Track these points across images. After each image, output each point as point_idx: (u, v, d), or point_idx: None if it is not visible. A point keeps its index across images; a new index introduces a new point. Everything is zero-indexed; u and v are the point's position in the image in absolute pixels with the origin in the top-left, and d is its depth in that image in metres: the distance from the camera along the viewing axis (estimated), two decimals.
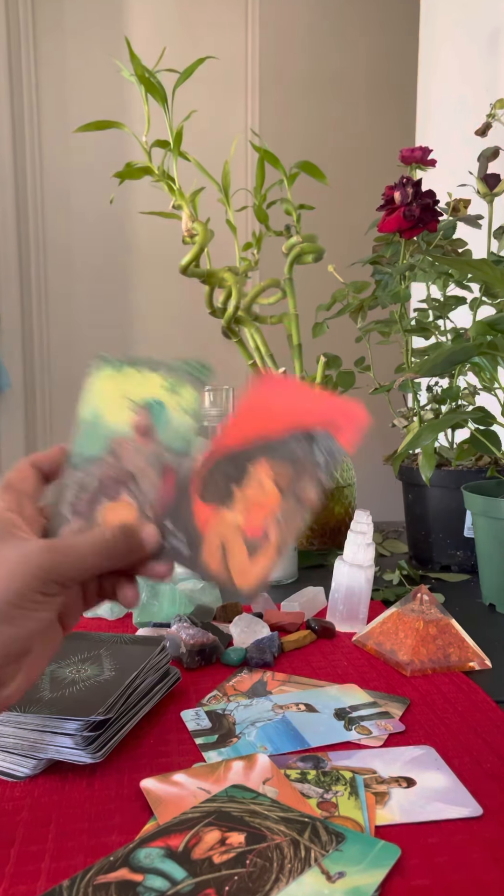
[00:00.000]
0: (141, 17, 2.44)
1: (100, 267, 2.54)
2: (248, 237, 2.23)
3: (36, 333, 2.53)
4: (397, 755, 0.48)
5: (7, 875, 0.37)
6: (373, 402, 1.17)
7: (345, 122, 2.59)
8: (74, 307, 2.55)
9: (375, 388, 0.98)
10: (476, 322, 0.73)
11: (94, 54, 2.41)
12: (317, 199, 1.05)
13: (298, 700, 0.55)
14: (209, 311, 1.04)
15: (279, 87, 2.54)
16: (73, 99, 2.43)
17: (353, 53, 2.58)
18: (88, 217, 2.49)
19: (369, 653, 0.65)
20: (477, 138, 0.91)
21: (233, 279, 0.99)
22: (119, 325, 2.57)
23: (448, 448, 0.97)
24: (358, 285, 1.00)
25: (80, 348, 2.57)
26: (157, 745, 0.49)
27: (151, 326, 2.58)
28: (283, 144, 1.54)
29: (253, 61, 2.52)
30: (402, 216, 0.87)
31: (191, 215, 0.98)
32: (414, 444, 0.75)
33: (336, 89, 2.59)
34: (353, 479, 1.01)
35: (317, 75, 2.57)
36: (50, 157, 2.46)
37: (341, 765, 0.47)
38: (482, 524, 0.79)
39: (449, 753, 0.48)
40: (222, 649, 0.63)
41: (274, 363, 1.04)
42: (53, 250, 2.51)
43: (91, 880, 0.35)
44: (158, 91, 0.94)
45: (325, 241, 1.05)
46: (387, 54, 2.58)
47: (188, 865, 0.36)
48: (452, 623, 0.64)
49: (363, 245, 1.06)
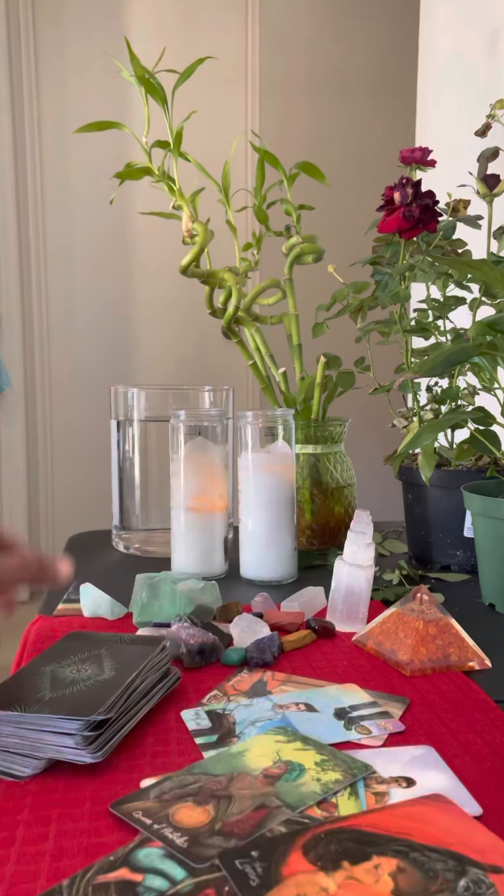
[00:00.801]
0: (141, 17, 2.44)
1: (100, 267, 2.54)
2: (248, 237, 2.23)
3: (36, 333, 2.53)
4: (397, 755, 0.48)
5: (7, 875, 0.37)
6: (373, 402, 1.17)
7: (345, 122, 2.59)
8: (74, 307, 2.55)
9: (375, 389, 0.98)
10: (476, 322, 0.73)
11: (94, 55, 2.41)
12: (317, 199, 1.05)
13: (298, 700, 0.56)
14: (209, 312, 1.04)
15: (279, 87, 2.54)
16: (73, 99, 2.43)
17: (353, 53, 2.57)
18: (88, 217, 2.49)
19: (369, 652, 0.65)
20: (477, 138, 0.91)
21: (233, 279, 1.00)
22: (119, 325, 2.57)
23: (448, 448, 0.97)
24: (358, 286, 1.00)
25: (81, 348, 2.57)
26: (157, 745, 0.49)
27: (151, 326, 2.58)
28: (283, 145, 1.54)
29: (253, 61, 2.52)
30: (401, 217, 0.87)
31: (191, 216, 0.98)
32: (414, 444, 0.75)
33: (336, 89, 2.59)
34: (353, 479, 1.01)
35: (317, 75, 2.57)
36: (50, 157, 2.46)
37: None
38: (482, 524, 0.79)
39: (449, 753, 0.48)
40: (222, 649, 0.63)
41: (274, 363, 1.04)
42: (53, 250, 2.51)
43: (91, 880, 0.35)
44: (158, 91, 0.94)
45: (325, 241, 1.05)
46: (387, 54, 2.58)
47: (188, 865, 0.36)
48: (452, 623, 0.64)
49: (363, 245, 1.06)
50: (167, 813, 0.40)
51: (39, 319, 2.54)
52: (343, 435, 1.01)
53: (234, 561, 0.91)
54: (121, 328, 2.58)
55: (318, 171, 1.02)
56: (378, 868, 0.36)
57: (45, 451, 2.59)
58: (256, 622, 0.67)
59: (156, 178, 0.98)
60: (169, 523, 0.90)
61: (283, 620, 0.70)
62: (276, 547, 0.86)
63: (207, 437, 0.88)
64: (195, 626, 0.65)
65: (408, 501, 0.97)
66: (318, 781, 0.44)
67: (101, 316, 2.58)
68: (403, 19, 2.46)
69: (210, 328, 1.24)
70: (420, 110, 1.57)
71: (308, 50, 2.56)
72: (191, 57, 0.98)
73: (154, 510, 1.02)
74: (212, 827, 0.39)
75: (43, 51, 2.41)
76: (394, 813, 0.41)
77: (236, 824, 0.39)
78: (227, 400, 1.03)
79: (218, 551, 0.89)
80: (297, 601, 0.74)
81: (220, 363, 2.48)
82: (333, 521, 0.98)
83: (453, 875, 0.35)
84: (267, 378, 1.04)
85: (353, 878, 0.35)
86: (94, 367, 2.57)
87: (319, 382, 0.99)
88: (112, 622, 0.72)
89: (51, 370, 2.57)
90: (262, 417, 0.87)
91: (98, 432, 2.16)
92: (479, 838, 0.38)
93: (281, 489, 0.86)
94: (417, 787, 0.44)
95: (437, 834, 0.39)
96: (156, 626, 0.69)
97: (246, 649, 0.63)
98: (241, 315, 1.01)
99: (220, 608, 0.73)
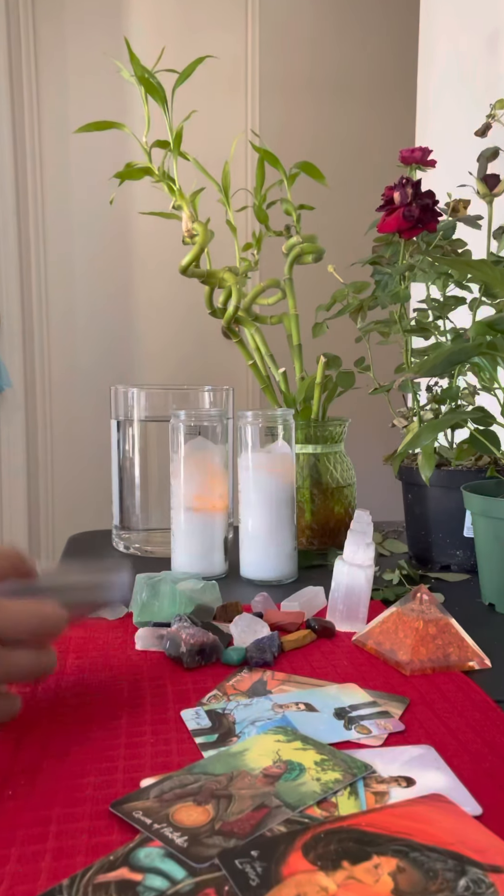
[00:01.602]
0: (141, 17, 2.44)
1: (100, 267, 2.54)
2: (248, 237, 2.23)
3: (36, 333, 2.53)
4: (397, 755, 0.48)
5: (7, 875, 0.37)
6: (373, 402, 1.17)
7: (345, 122, 2.59)
8: (75, 307, 2.55)
9: (375, 388, 0.98)
10: (476, 322, 0.73)
11: (94, 54, 2.41)
12: (317, 199, 1.05)
13: (298, 699, 0.56)
14: (209, 312, 1.04)
15: (279, 87, 2.54)
16: (73, 99, 2.43)
17: (353, 53, 2.58)
18: (88, 217, 2.49)
19: (369, 652, 0.65)
20: (477, 138, 0.91)
21: (233, 279, 1.00)
22: (119, 325, 2.57)
23: (448, 448, 0.97)
24: (358, 285, 1.01)
25: (81, 348, 2.57)
26: (157, 745, 0.49)
27: (151, 326, 2.58)
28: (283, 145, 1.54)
29: (253, 61, 2.52)
30: (401, 216, 0.87)
31: (191, 216, 0.98)
32: (414, 444, 0.75)
33: (336, 89, 2.59)
34: (353, 479, 1.01)
35: (317, 75, 2.57)
36: (50, 157, 2.46)
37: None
38: (482, 524, 0.79)
39: (449, 753, 0.48)
40: (222, 649, 0.63)
41: (274, 363, 1.04)
42: (53, 250, 2.51)
43: (91, 880, 0.35)
44: (158, 91, 0.94)
45: (325, 241, 1.05)
46: (387, 54, 2.58)
47: (188, 865, 0.36)
48: (452, 623, 0.64)
49: (363, 245, 1.06)
50: (167, 812, 0.40)
51: (39, 320, 2.54)
52: (343, 435, 1.01)
53: (234, 561, 0.91)
54: (121, 328, 2.58)
55: (318, 171, 1.02)
56: (378, 868, 0.36)
57: (45, 451, 2.60)
58: (256, 622, 0.67)
59: (156, 178, 0.98)
60: (169, 523, 0.90)
61: (283, 620, 0.70)
62: (276, 547, 0.87)
63: (207, 437, 0.88)
64: (195, 626, 0.65)
65: (408, 501, 0.97)
66: (318, 781, 0.44)
67: (100, 316, 2.58)
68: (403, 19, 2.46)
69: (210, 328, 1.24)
70: (420, 110, 1.57)
71: (308, 50, 2.56)
72: (191, 57, 0.98)
73: (154, 510, 1.02)
74: (212, 826, 0.39)
75: (43, 51, 2.41)
76: (394, 813, 0.41)
77: (236, 824, 0.40)
78: (227, 400, 1.03)
79: (218, 551, 0.89)
80: (297, 601, 0.74)
81: (220, 363, 2.48)
82: (333, 521, 0.98)
83: (453, 875, 0.35)
84: (267, 378, 1.04)
85: (353, 877, 0.35)
86: (94, 367, 2.57)
87: (319, 382, 0.99)
88: (112, 622, 0.72)
89: (51, 370, 2.57)
90: (262, 417, 0.87)
91: (98, 432, 2.16)
92: (478, 838, 0.38)
93: (281, 489, 0.86)
94: (417, 786, 0.44)
95: (437, 834, 0.39)
96: (156, 626, 0.69)
97: (246, 649, 0.63)
98: (241, 315, 1.01)
99: (220, 608, 0.73)
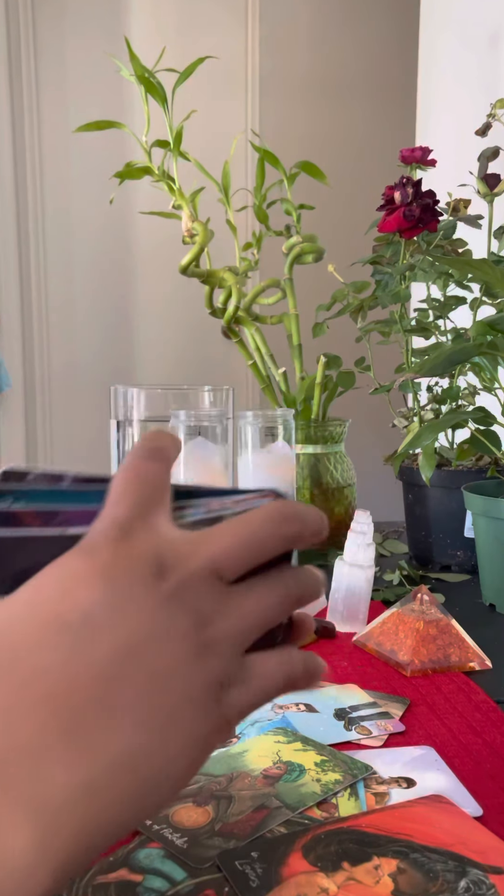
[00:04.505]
0: (141, 17, 2.44)
1: (100, 267, 2.53)
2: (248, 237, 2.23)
3: (36, 333, 2.53)
4: (397, 755, 0.48)
5: None
6: (373, 402, 1.17)
7: (345, 122, 2.59)
8: (74, 307, 2.55)
9: (375, 389, 0.98)
10: (476, 322, 0.73)
11: (94, 54, 2.41)
12: (317, 199, 1.05)
13: (298, 700, 0.55)
14: (209, 311, 1.04)
15: (279, 87, 2.54)
16: (73, 99, 2.43)
17: (353, 53, 2.57)
18: (88, 217, 2.49)
19: (369, 653, 0.65)
20: (477, 138, 0.91)
21: (233, 279, 0.99)
22: (119, 324, 2.57)
23: (448, 448, 0.96)
24: (358, 285, 1.00)
25: (81, 348, 2.57)
26: None
27: (151, 326, 2.58)
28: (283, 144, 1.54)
29: (253, 61, 2.52)
30: (402, 216, 0.87)
31: (191, 215, 0.98)
32: (414, 445, 0.75)
33: (336, 89, 2.59)
34: (353, 479, 1.01)
35: (317, 75, 2.57)
36: (50, 157, 2.45)
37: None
38: (482, 524, 0.79)
39: (449, 754, 0.48)
40: None
41: (274, 363, 1.04)
42: (53, 250, 2.51)
43: (91, 880, 0.35)
44: (158, 91, 0.94)
45: (325, 241, 1.05)
46: (387, 54, 2.58)
47: (188, 866, 0.36)
48: (452, 623, 0.64)
49: (363, 245, 1.06)
50: (167, 813, 0.40)
51: (39, 320, 2.54)
52: (343, 435, 1.01)
53: None
54: (120, 328, 2.58)
55: (318, 170, 1.02)
56: (378, 869, 0.36)
57: (44, 451, 2.59)
58: None
59: (156, 178, 0.98)
60: None
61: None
62: None
63: (207, 437, 0.88)
64: None
65: (408, 501, 0.97)
66: (318, 782, 0.44)
67: (100, 316, 2.58)
68: (403, 19, 2.46)
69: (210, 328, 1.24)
70: (420, 110, 1.57)
71: (308, 50, 2.56)
72: (191, 57, 0.98)
73: None
74: (211, 827, 0.39)
75: (43, 51, 2.41)
76: (394, 814, 0.40)
77: (236, 825, 0.39)
78: (227, 400, 1.03)
79: None
80: None
81: (220, 363, 2.48)
82: (333, 521, 0.98)
83: (453, 876, 0.35)
84: (267, 378, 1.03)
85: (354, 878, 0.35)
86: (94, 367, 2.57)
87: (319, 382, 0.98)
88: None
89: (50, 370, 2.57)
90: (262, 417, 0.87)
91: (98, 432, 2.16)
92: (479, 839, 0.38)
93: (281, 489, 0.86)
94: (417, 787, 0.44)
95: (437, 835, 0.39)
96: None
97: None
98: (241, 315, 1.01)
99: None
